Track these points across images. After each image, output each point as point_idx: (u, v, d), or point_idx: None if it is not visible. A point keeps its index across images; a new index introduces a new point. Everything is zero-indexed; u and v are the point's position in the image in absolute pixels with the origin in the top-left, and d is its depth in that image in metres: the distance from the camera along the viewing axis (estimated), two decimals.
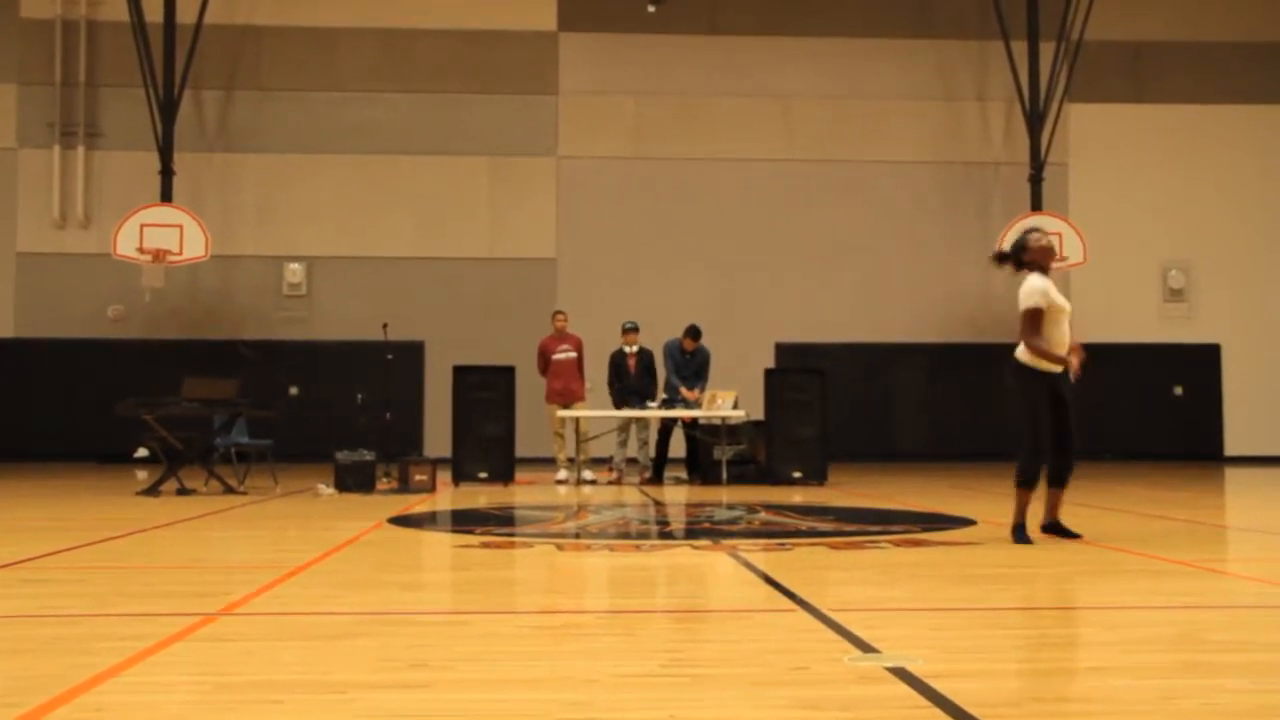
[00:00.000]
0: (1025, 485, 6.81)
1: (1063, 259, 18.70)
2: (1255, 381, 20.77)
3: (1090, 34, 19.65)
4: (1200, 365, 20.84)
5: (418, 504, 10.16)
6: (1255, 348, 20.86)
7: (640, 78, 20.55)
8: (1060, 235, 19.08)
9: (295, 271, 19.84)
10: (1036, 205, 19.70)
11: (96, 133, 19.93)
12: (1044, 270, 6.92)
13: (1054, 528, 7.01)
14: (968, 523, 8.15)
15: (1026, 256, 6.98)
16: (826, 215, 20.48)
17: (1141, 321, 20.60)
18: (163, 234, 18.23)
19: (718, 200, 20.40)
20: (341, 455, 11.72)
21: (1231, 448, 20.74)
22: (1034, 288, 6.81)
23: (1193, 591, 5.15)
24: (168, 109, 18.89)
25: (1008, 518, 6.95)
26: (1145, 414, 20.46)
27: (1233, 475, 16.17)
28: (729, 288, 20.10)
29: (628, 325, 14.16)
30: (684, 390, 13.69)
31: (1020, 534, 6.79)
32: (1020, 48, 19.73)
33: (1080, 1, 19.39)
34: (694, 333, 13.99)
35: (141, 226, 18.18)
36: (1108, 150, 20.93)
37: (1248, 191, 21.05)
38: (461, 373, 13.64)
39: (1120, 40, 20.82)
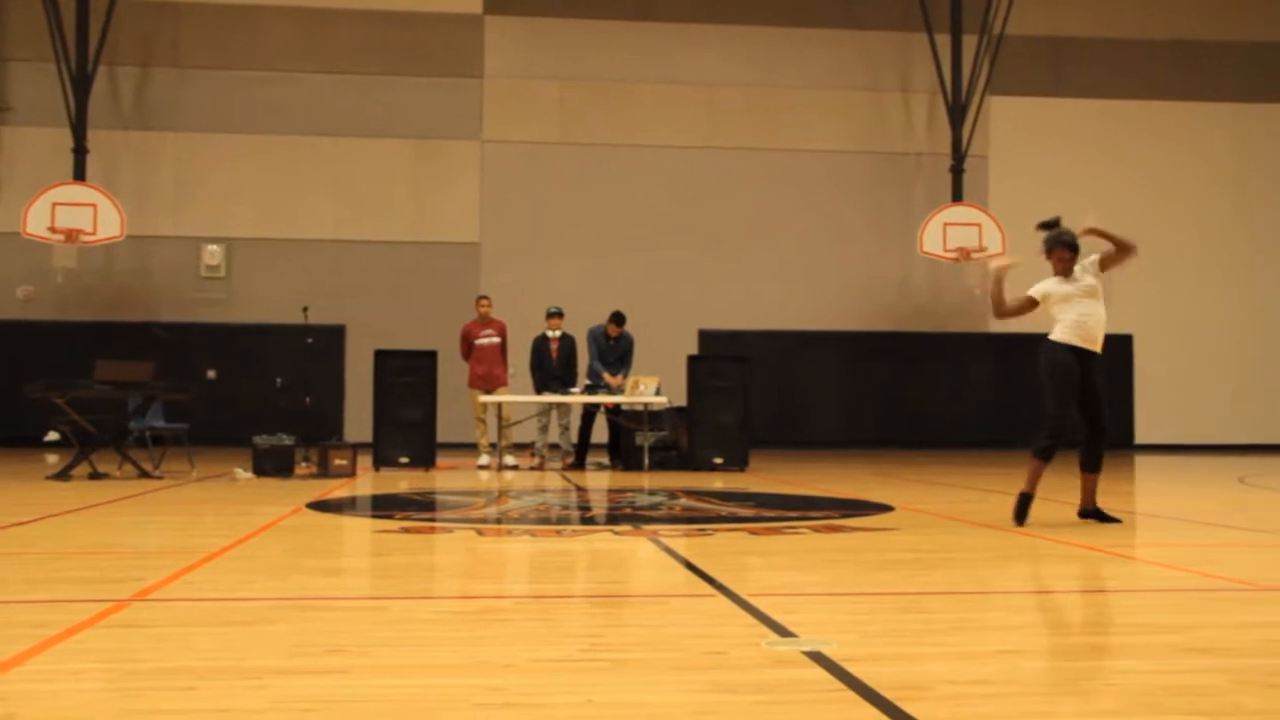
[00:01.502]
0: (1037, 455, 7.04)
1: (982, 249, 18.99)
2: (1165, 371, 21.25)
3: (1011, 28, 19.96)
4: (1114, 355, 21.22)
5: (337, 489, 10.07)
6: (1165, 338, 21.34)
7: (566, 62, 20.49)
8: (980, 226, 19.38)
9: (213, 253, 19.54)
10: (957, 196, 19.98)
11: (6, 107, 19.46)
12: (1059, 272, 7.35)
13: (1090, 513, 7.21)
14: (886, 509, 8.25)
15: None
16: (751, 203, 20.59)
17: None
18: (75, 213, 17.86)
19: (643, 186, 20.43)
20: (260, 439, 11.58)
21: (1141, 436, 21.21)
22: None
23: (1101, 576, 5.27)
24: (81, 85, 18.49)
25: (925, 504, 7.08)
26: None
27: (1142, 463, 16.55)
28: (653, 274, 20.13)
29: (551, 310, 14.14)
30: (607, 376, 13.70)
31: (1020, 504, 6.98)
32: (944, 40, 19.98)
33: None
34: (618, 319, 14.00)
35: (53, 205, 17.80)
36: (1027, 143, 21.27)
37: (1160, 185, 21.51)
38: (383, 357, 13.54)
39: (1040, 35, 21.15)
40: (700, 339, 19.93)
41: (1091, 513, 7.24)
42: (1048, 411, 7.06)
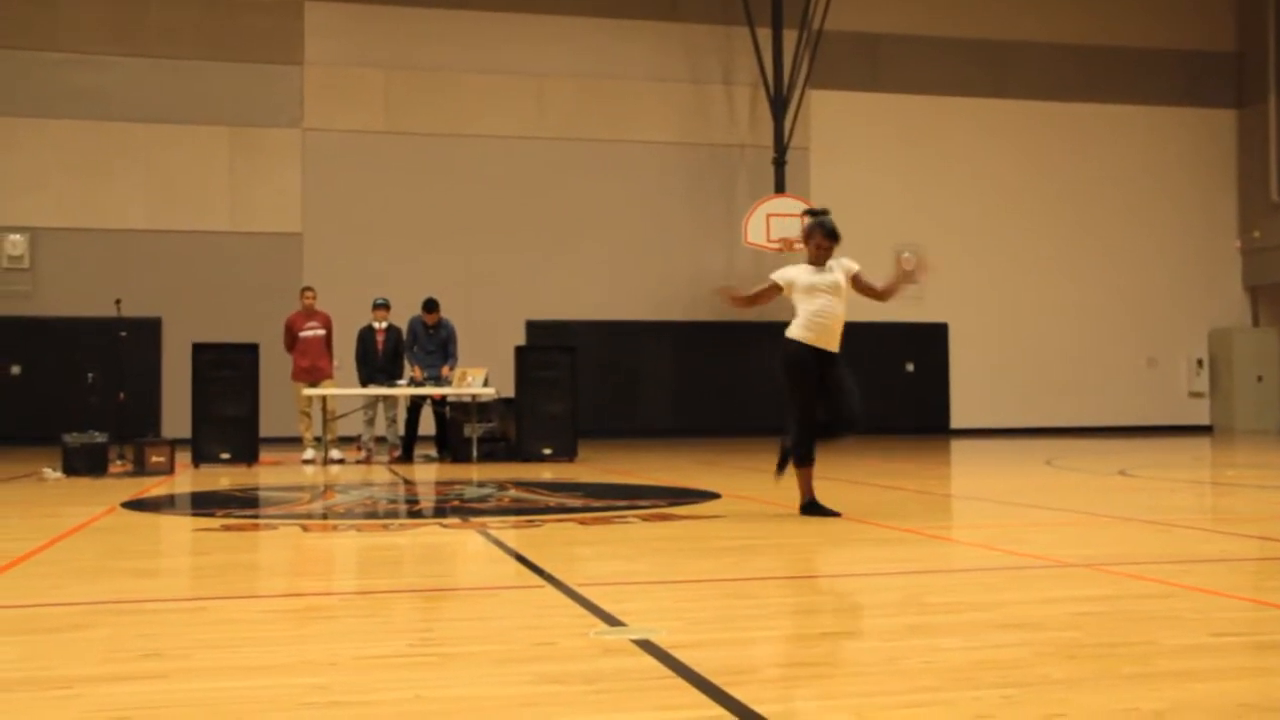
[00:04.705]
0: (799, 464, 6.95)
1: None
2: (978, 358, 22.08)
3: (829, 24, 20.41)
4: (931, 343, 22.01)
5: (155, 487, 9.74)
6: (978, 326, 22.17)
7: (390, 50, 20.16)
8: (802, 217, 19.75)
9: (16, 243, 18.65)
10: (780, 188, 20.35)
11: None
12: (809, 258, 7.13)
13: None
14: (713, 496, 8.38)
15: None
16: (577, 193, 20.61)
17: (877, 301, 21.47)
18: None
19: (469, 177, 20.25)
20: (70, 437, 11.12)
21: (957, 421, 21.99)
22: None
23: (918, 558, 5.45)
24: None
25: (750, 490, 7.20)
26: (880, 390, 21.45)
27: (958, 447, 17.16)
28: (480, 264, 19.99)
29: (378, 301, 13.94)
30: (417, 371, 13.50)
31: (808, 509, 6.88)
32: (765, 35, 20.32)
33: None
34: (431, 305, 13.79)
35: None
36: (846, 135, 21.79)
37: (973, 179, 22.31)
38: (201, 350, 13.13)
39: (857, 31, 21.69)
40: (528, 329, 19.87)
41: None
42: (793, 416, 6.92)
